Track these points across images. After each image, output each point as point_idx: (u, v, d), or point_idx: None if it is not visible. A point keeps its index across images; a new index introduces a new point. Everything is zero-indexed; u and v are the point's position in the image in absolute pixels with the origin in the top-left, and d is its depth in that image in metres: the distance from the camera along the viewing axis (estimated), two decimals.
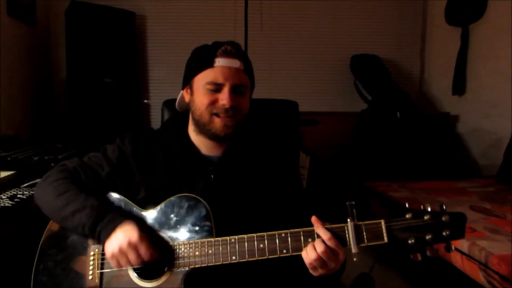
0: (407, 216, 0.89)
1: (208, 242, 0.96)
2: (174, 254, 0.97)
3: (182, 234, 0.99)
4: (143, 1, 3.55)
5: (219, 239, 0.95)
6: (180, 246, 0.97)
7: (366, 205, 2.48)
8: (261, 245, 0.92)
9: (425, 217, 0.89)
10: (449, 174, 3.03)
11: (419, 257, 0.89)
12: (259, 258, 0.92)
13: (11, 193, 1.46)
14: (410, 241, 0.88)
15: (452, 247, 0.88)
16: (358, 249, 0.89)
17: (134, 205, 1.05)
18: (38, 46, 3.26)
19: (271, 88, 3.65)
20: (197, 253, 0.95)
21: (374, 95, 3.52)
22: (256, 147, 1.15)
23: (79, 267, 1.02)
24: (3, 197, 1.40)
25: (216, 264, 0.94)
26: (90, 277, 1.01)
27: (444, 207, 0.89)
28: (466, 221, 0.89)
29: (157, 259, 0.96)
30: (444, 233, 0.87)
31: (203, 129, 1.07)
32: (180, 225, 0.99)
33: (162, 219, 1.01)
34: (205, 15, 3.63)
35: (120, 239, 0.93)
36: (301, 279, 0.98)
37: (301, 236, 0.91)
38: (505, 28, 2.91)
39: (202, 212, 0.98)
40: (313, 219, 0.93)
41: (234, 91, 1.04)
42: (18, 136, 2.32)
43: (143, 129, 1.21)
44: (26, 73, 3.06)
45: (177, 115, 1.22)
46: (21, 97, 2.98)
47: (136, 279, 0.99)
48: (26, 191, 1.49)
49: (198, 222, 0.98)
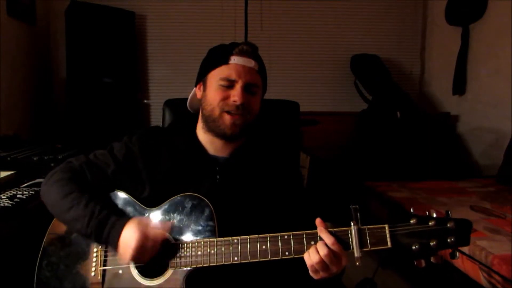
0: (411, 221, 0.88)
1: (210, 242, 0.96)
2: (176, 253, 0.97)
3: (185, 233, 0.99)
4: (143, 1, 3.55)
5: (222, 239, 0.95)
6: (183, 246, 0.97)
7: (366, 205, 2.48)
8: (263, 247, 0.92)
9: (430, 223, 0.87)
10: (449, 174, 3.02)
11: (423, 263, 0.87)
12: (261, 260, 0.92)
13: (11, 193, 1.45)
14: (414, 247, 0.86)
15: (457, 254, 0.87)
16: (361, 254, 0.87)
17: (138, 203, 1.06)
18: (38, 46, 3.26)
19: (271, 88, 3.62)
20: (199, 252, 0.95)
21: (374, 95, 3.52)
22: (260, 148, 1.15)
23: (81, 263, 1.03)
24: (3, 197, 1.40)
25: (218, 264, 0.94)
26: (93, 273, 1.01)
27: (450, 213, 0.88)
28: (472, 228, 0.87)
29: (159, 257, 0.96)
30: (449, 240, 0.85)
31: (211, 125, 1.07)
32: (183, 225, 0.99)
33: (166, 218, 1.01)
34: (205, 15, 3.62)
35: (132, 244, 0.92)
36: (301, 281, 0.97)
37: (304, 239, 0.91)
38: (505, 28, 2.91)
39: (206, 212, 0.99)
40: (318, 221, 0.92)
41: (246, 90, 1.05)
42: (18, 136, 2.32)
43: (151, 127, 1.20)
44: (26, 73, 3.06)
45: (184, 115, 1.22)
46: (21, 97, 2.98)
47: (138, 276, 0.99)
48: (26, 191, 1.48)
49: (201, 222, 0.98)
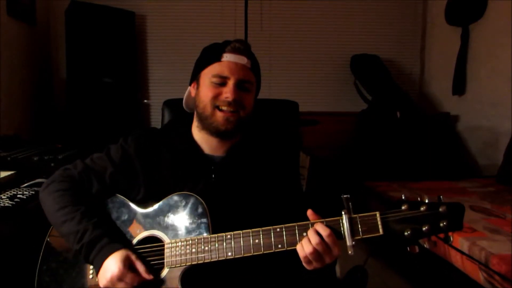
0: (403, 207, 0.87)
1: (204, 239, 0.96)
2: (171, 251, 0.97)
3: (179, 231, 0.99)
4: (143, 1, 3.56)
5: (215, 235, 0.95)
6: (177, 244, 0.98)
7: (366, 206, 2.48)
8: (256, 240, 0.92)
9: (422, 208, 0.86)
10: (449, 174, 3.02)
11: (416, 249, 0.86)
12: (254, 254, 0.92)
13: (11, 193, 1.46)
14: (406, 233, 0.85)
15: (451, 238, 0.86)
16: (353, 242, 0.87)
17: (133, 204, 1.06)
18: (38, 46, 3.26)
19: (271, 88, 3.65)
20: (193, 250, 0.96)
21: (374, 95, 3.52)
22: (257, 147, 1.15)
23: (80, 266, 1.03)
24: (3, 197, 1.40)
25: (212, 260, 0.94)
26: (91, 276, 1.02)
27: (441, 197, 0.87)
28: (464, 212, 0.87)
29: (155, 257, 0.97)
30: (441, 224, 0.84)
31: (205, 123, 1.08)
32: (177, 223, 1.00)
33: (160, 217, 1.02)
34: (205, 15, 3.63)
35: (107, 275, 0.94)
36: (295, 273, 0.97)
37: (296, 230, 0.91)
38: (505, 28, 2.91)
39: (199, 210, 0.99)
40: (309, 212, 0.92)
41: (238, 86, 1.05)
42: (18, 136, 2.32)
43: (146, 128, 1.20)
44: (26, 73, 3.06)
45: (181, 115, 1.23)
46: (21, 97, 2.98)
47: None
48: (26, 191, 1.49)
49: (194, 220, 0.99)
